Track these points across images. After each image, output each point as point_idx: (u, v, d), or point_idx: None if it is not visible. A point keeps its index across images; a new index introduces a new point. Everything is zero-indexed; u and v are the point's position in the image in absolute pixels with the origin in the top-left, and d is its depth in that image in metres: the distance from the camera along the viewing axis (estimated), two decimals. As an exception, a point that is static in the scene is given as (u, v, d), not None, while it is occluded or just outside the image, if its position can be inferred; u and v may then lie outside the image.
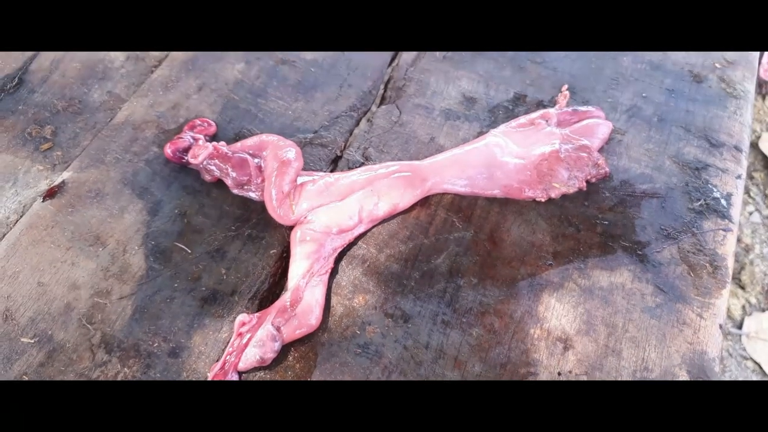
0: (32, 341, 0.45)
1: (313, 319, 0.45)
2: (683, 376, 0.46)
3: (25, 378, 0.43)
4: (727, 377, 1.28)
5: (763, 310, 1.39)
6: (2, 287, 0.47)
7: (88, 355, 0.45)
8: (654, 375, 0.45)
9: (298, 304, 0.45)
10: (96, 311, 0.46)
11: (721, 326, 0.49)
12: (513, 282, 0.49)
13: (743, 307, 1.37)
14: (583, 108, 0.57)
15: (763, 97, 1.69)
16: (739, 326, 1.33)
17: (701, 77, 0.62)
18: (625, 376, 0.45)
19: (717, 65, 0.63)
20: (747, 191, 1.54)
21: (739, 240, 1.45)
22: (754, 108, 1.65)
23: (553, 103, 0.59)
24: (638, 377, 0.45)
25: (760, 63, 1.65)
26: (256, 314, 0.45)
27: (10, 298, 0.47)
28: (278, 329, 0.44)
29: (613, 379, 0.45)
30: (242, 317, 0.45)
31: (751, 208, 1.52)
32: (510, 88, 0.60)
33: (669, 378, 0.45)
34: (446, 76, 0.61)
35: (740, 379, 1.28)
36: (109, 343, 0.45)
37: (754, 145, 1.62)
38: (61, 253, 0.49)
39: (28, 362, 0.44)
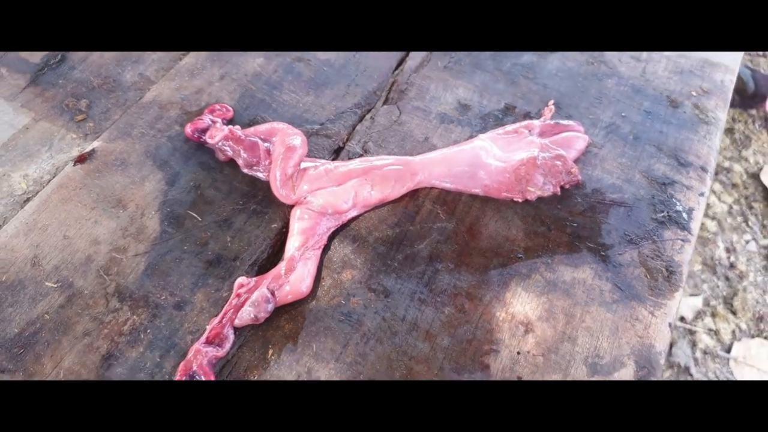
0: (55, 286, 0.50)
1: (304, 287, 0.51)
2: (631, 365, 0.51)
3: (47, 317, 0.49)
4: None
5: (753, 337, 1.42)
6: (33, 237, 0.53)
7: (102, 301, 0.50)
8: (604, 362, 0.51)
9: (292, 272, 0.51)
10: (113, 264, 0.52)
11: (670, 324, 0.54)
12: (485, 270, 0.55)
13: (733, 331, 1.40)
14: (565, 122, 0.63)
15: (768, 130, 1.74)
16: (728, 350, 1.37)
17: (677, 103, 0.67)
18: (578, 361, 0.51)
19: (693, 93, 0.68)
20: (745, 220, 1.58)
21: (733, 266, 1.49)
22: (758, 141, 1.70)
23: (539, 115, 0.65)
24: (590, 362, 0.51)
25: (767, 99, 1.69)
26: (254, 278, 0.51)
27: (38, 247, 0.52)
28: (272, 293, 0.50)
29: (567, 362, 0.51)
30: (242, 280, 0.51)
31: (748, 236, 1.55)
32: (502, 99, 0.66)
33: (618, 366, 0.51)
34: (445, 84, 0.67)
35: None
36: (122, 293, 0.51)
37: (755, 176, 1.66)
38: (86, 212, 0.54)
39: (50, 303, 0.49)
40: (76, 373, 0.47)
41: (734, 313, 1.43)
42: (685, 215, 0.59)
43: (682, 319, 1.41)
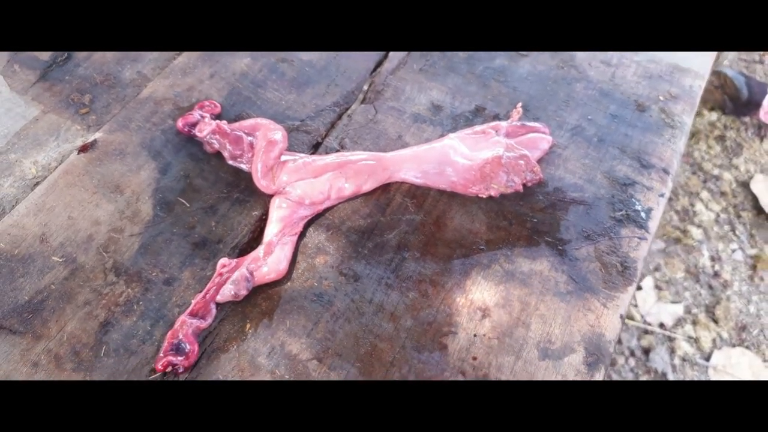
0: (60, 260, 0.56)
1: (281, 268, 0.56)
2: (581, 351, 0.55)
3: (53, 287, 0.55)
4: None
5: (734, 346, 1.44)
6: (41, 217, 0.58)
7: (101, 275, 0.55)
8: (555, 347, 0.55)
9: (270, 256, 0.56)
10: (111, 243, 0.57)
11: (621, 316, 0.58)
12: (449, 259, 0.59)
13: (714, 340, 1.42)
14: (531, 124, 0.67)
15: (761, 139, 1.75)
16: (708, 359, 1.39)
17: (644, 107, 0.71)
18: (531, 345, 0.55)
19: (661, 97, 0.72)
20: (733, 229, 1.59)
21: (717, 275, 1.51)
22: (750, 149, 1.71)
23: (507, 117, 0.69)
24: (541, 347, 0.55)
25: (761, 106, 1.71)
26: (236, 260, 0.56)
27: (46, 226, 0.57)
28: (251, 273, 0.55)
29: (519, 345, 0.55)
30: (224, 260, 0.56)
31: (734, 245, 1.56)
32: (473, 101, 0.70)
33: (568, 351, 0.55)
34: (419, 86, 0.71)
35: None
36: (118, 268, 0.56)
37: (745, 185, 1.67)
38: (88, 196, 0.60)
39: (55, 276, 0.55)
40: (77, 336, 0.52)
41: (716, 321, 1.43)
42: (643, 214, 0.63)
43: (661, 325, 1.42)
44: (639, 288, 1.43)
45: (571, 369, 0.54)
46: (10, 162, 0.62)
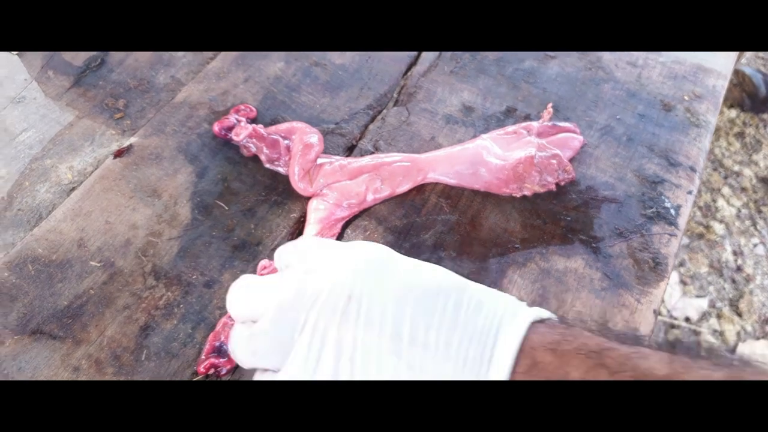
0: (99, 265, 0.56)
1: None
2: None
3: (92, 292, 0.55)
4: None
5: (758, 338, 1.45)
6: (79, 221, 0.59)
7: (141, 279, 0.56)
8: (589, 342, 0.56)
9: None
10: (149, 247, 0.58)
11: (655, 311, 0.59)
12: (485, 258, 0.60)
13: (738, 333, 1.44)
14: (562, 124, 0.67)
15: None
16: (733, 351, 1.40)
17: (670, 106, 0.72)
18: (565, 340, 0.56)
19: (686, 97, 0.73)
20: (754, 224, 1.60)
21: (740, 269, 1.53)
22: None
23: (538, 117, 0.70)
24: (575, 342, 0.56)
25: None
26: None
27: (83, 231, 0.58)
28: None
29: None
30: (264, 262, 0.56)
31: (756, 240, 1.58)
32: (504, 102, 0.71)
33: (601, 345, 0.56)
34: (451, 88, 0.72)
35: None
36: (157, 272, 0.57)
37: (765, 181, 1.68)
38: (125, 200, 0.60)
39: (94, 280, 0.55)
40: (117, 341, 0.52)
41: (740, 315, 1.46)
42: (672, 211, 0.64)
43: (687, 319, 1.44)
44: (663, 285, 1.46)
45: (610, 366, 0.54)
46: (45, 167, 0.63)
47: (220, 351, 0.52)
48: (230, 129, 0.63)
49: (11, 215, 0.59)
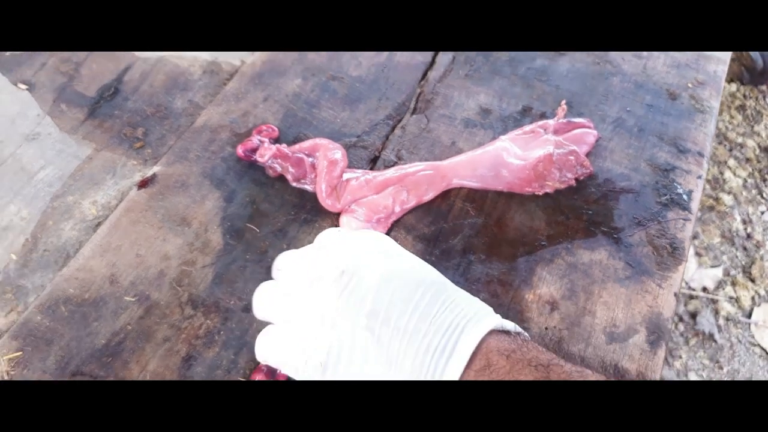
0: (133, 299, 0.56)
1: None
2: (642, 332, 0.58)
3: (129, 328, 0.56)
4: (735, 362, 1.40)
5: (772, 302, 1.51)
6: (109, 257, 0.59)
7: (178, 310, 0.56)
8: (620, 330, 0.58)
9: None
10: (183, 276, 0.58)
11: (675, 294, 0.61)
12: (513, 258, 0.61)
13: (753, 297, 1.48)
14: (576, 119, 0.69)
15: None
16: (749, 315, 1.45)
17: (675, 95, 0.74)
18: (598, 331, 0.57)
19: (689, 84, 0.75)
20: (760, 192, 1.65)
21: (750, 237, 1.57)
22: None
23: (553, 114, 0.71)
24: (607, 332, 0.57)
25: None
26: None
27: (114, 266, 0.58)
28: None
29: (588, 333, 0.57)
30: None
31: (763, 207, 1.63)
32: (519, 102, 0.73)
33: (631, 333, 0.58)
34: (467, 92, 0.73)
35: (748, 363, 1.40)
36: (194, 301, 0.57)
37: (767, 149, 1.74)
38: (154, 231, 0.61)
39: (130, 316, 0.55)
40: (160, 374, 0.52)
41: (753, 280, 1.51)
42: (685, 197, 0.66)
43: (704, 289, 1.49)
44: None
45: (636, 349, 0.57)
46: (68, 205, 0.63)
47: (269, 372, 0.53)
48: (254, 150, 0.64)
49: (37, 257, 0.59)
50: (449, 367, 0.42)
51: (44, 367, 0.52)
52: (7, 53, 0.71)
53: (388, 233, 0.62)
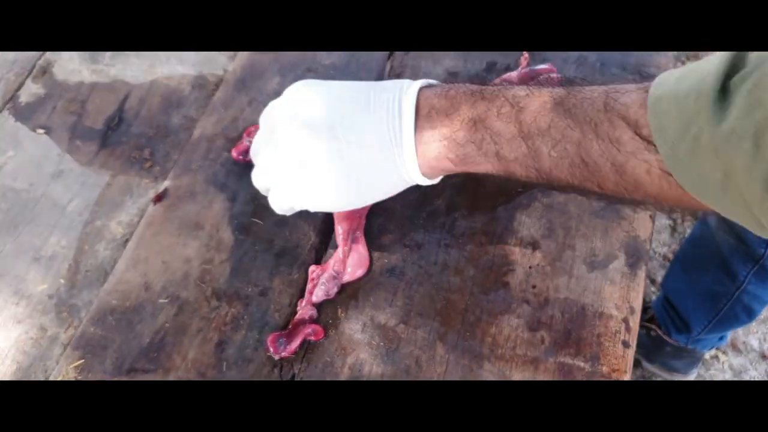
0: (166, 301, 0.64)
1: (366, 263, 0.64)
2: (622, 256, 0.63)
3: (167, 325, 0.64)
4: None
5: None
6: (140, 268, 0.66)
7: (205, 303, 0.64)
8: (600, 258, 0.63)
9: (348, 255, 0.64)
10: (205, 274, 0.65)
11: (651, 216, 0.65)
12: (494, 209, 0.67)
13: None
14: (539, 66, 0.73)
15: None
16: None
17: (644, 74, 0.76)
18: (579, 262, 0.63)
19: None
20: None
21: None
22: None
23: (517, 65, 0.75)
24: (588, 261, 0.63)
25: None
26: (321, 266, 0.64)
27: (146, 275, 0.66)
28: (338, 273, 0.63)
29: (569, 265, 0.63)
30: (312, 267, 0.64)
31: None
32: (483, 59, 0.77)
33: (611, 259, 0.63)
34: (433, 59, 0.78)
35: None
36: (218, 293, 0.64)
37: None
38: (174, 239, 0.68)
39: (166, 315, 0.63)
40: (199, 361, 0.61)
41: None
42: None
43: None
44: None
45: (617, 273, 0.62)
46: (98, 228, 0.71)
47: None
48: (247, 152, 0.71)
49: (81, 278, 0.68)
50: (404, 122, 0.52)
51: (104, 369, 0.61)
52: (23, 102, 0.79)
53: (375, 205, 0.67)
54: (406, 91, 0.53)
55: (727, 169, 0.38)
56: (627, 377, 0.57)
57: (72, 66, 0.82)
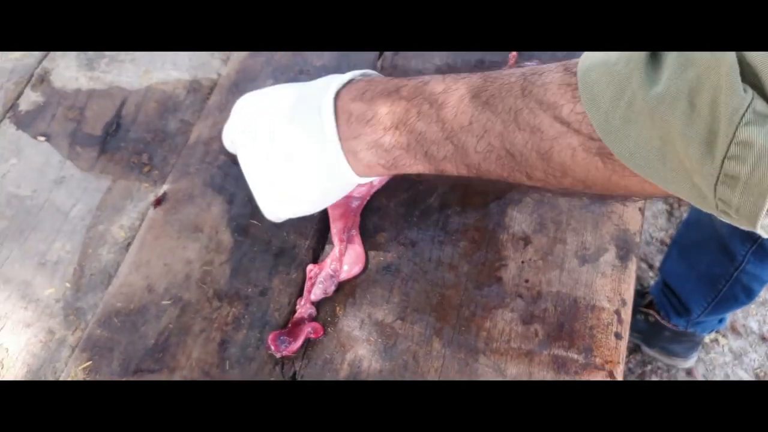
0: (169, 303, 0.65)
1: (362, 261, 0.66)
2: (612, 249, 0.64)
3: (171, 326, 0.66)
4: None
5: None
6: (142, 270, 0.68)
7: (207, 304, 0.65)
8: (591, 252, 0.64)
9: (344, 254, 0.65)
10: (206, 275, 0.67)
11: (640, 209, 0.67)
12: (486, 205, 0.68)
13: None
14: (527, 63, 0.74)
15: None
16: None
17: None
18: (570, 256, 0.64)
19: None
20: None
21: None
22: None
23: (505, 63, 0.76)
24: (579, 255, 0.64)
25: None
26: (318, 264, 0.65)
27: (149, 277, 0.67)
28: (335, 271, 0.64)
29: (561, 259, 0.64)
30: (310, 266, 0.65)
31: None
32: (472, 57, 0.78)
33: (602, 252, 0.64)
34: (423, 58, 0.79)
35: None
36: (219, 294, 0.66)
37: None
38: (175, 242, 0.70)
39: (170, 316, 0.65)
40: (203, 360, 0.62)
41: None
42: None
43: None
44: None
45: (608, 266, 0.63)
46: (101, 233, 0.72)
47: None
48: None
49: (86, 281, 0.69)
50: (327, 134, 0.54)
51: (111, 371, 0.63)
52: (23, 111, 0.80)
53: (369, 203, 0.69)
54: (322, 97, 0.54)
55: (664, 133, 0.36)
56: (620, 368, 0.59)
57: (69, 73, 0.83)
